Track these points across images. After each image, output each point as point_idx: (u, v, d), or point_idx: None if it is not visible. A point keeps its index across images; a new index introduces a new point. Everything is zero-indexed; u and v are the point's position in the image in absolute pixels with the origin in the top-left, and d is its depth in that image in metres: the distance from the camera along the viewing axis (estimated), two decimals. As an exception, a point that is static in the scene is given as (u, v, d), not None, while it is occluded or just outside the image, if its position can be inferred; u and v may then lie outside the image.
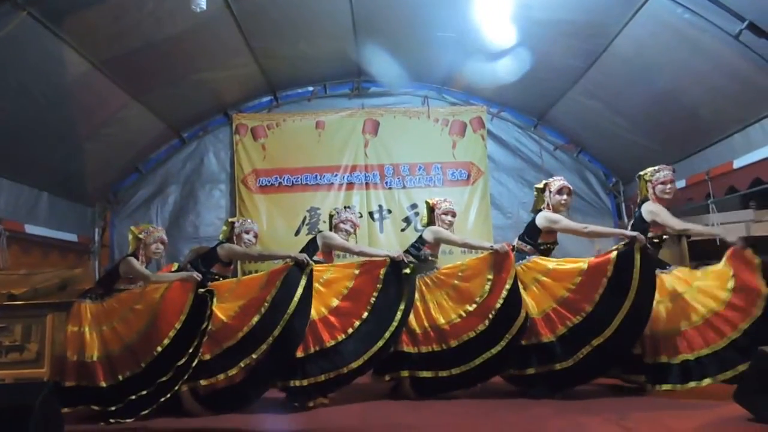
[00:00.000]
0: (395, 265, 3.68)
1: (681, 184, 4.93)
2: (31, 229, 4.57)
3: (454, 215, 4.10)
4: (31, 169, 4.46)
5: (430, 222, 4.07)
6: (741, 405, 2.86)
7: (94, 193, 5.52)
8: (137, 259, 3.71)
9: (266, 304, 3.43)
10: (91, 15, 3.78)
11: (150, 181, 5.96)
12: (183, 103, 5.48)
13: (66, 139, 4.62)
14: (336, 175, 5.94)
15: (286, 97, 6.15)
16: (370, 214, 5.97)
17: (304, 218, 5.87)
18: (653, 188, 3.76)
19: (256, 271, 5.61)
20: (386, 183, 6.03)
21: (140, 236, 3.78)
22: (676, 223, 3.67)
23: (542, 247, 3.90)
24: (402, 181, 6.04)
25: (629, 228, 3.79)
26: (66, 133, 4.56)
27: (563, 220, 3.85)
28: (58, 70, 3.98)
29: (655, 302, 3.47)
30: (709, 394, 3.41)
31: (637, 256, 3.44)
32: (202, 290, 3.42)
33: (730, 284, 3.40)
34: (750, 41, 3.53)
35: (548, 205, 3.88)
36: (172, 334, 3.34)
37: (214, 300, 3.43)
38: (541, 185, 3.98)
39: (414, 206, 5.97)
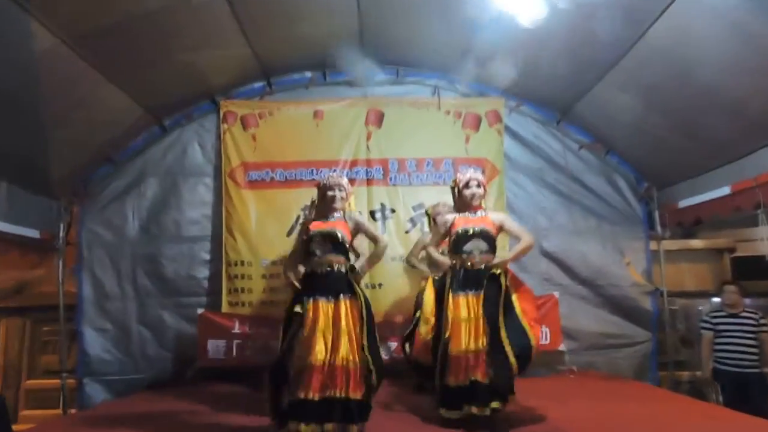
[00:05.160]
0: None
1: (725, 191, 4.81)
2: (-13, 223, 4.46)
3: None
4: (-11, 155, 4.35)
5: None
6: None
7: (60, 184, 5.36)
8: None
9: None
10: (63, -16, 3.66)
11: (125, 172, 5.82)
12: (164, 86, 5.34)
13: (30, 123, 4.46)
14: (335, 170, 5.74)
15: (280, 83, 6.02)
16: (372, 213, 5.84)
17: (298, 217, 5.74)
18: None
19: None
20: (390, 179, 5.90)
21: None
22: None
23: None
24: (408, 178, 5.92)
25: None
26: (30, 116, 4.40)
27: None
28: (23, 45, 3.82)
29: None
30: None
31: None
32: None
33: None
34: (811, 30, 3.37)
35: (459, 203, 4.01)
36: None
37: None
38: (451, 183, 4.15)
39: (420, 206, 5.82)
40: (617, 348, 5.77)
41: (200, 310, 5.47)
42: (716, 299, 5.66)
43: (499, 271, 3.71)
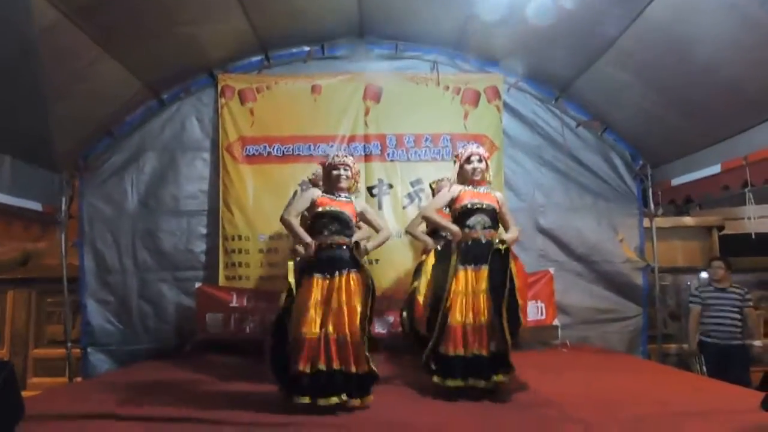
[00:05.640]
0: None
1: (715, 169, 4.93)
2: (-9, 196, 4.55)
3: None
4: (-8, 129, 4.42)
5: None
6: (769, 414, 2.89)
7: (62, 157, 5.42)
8: None
9: None
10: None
11: (124, 146, 5.91)
12: (163, 60, 5.38)
13: (32, 96, 4.52)
14: (332, 146, 5.86)
15: (278, 57, 6.06)
16: (369, 189, 5.93)
17: (295, 192, 5.75)
18: None
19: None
20: (388, 155, 5.99)
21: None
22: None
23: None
24: (406, 154, 6.00)
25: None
26: (32, 90, 4.45)
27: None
28: (24, 18, 3.88)
29: None
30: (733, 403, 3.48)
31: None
32: None
33: None
34: (806, 11, 3.47)
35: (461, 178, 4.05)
36: None
37: None
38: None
39: (418, 182, 5.93)
40: (609, 323, 5.96)
41: (198, 284, 5.60)
42: (704, 275, 5.87)
43: (503, 247, 3.80)
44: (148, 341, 5.73)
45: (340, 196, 3.81)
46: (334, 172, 3.80)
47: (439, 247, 4.28)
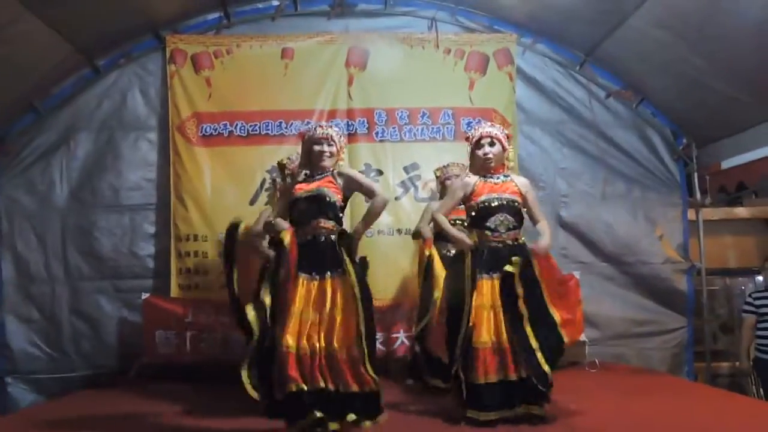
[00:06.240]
0: None
1: (778, 148, 4.92)
2: None
3: None
4: None
5: None
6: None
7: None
8: None
9: None
10: None
11: (51, 125, 5.82)
12: (98, 18, 5.27)
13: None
14: (308, 123, 5.76)
15: (241, 13, 6.03)
16: (355, 176, 5.90)
17: (263, 181, 5.81)
18: None
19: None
20: (377, 134, 5.97)
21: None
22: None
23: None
24: (398, 132, 5.98)
25: None
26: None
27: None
28: None
29: None
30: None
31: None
32: None
33: None
34: None
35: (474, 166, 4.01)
36: None
37: None
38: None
39: (414, 167, 5.91)
40: (647, 337, 5.97)
41: (145, 295, 5.55)
42: (761, 277, 5.86)
43: (514, 269, 3.70)
44: (83, 367, 5.67)
45: (318, 176, 3.73)
46: (316, 148, 3.73)
47: (448, 253, 4.31)
